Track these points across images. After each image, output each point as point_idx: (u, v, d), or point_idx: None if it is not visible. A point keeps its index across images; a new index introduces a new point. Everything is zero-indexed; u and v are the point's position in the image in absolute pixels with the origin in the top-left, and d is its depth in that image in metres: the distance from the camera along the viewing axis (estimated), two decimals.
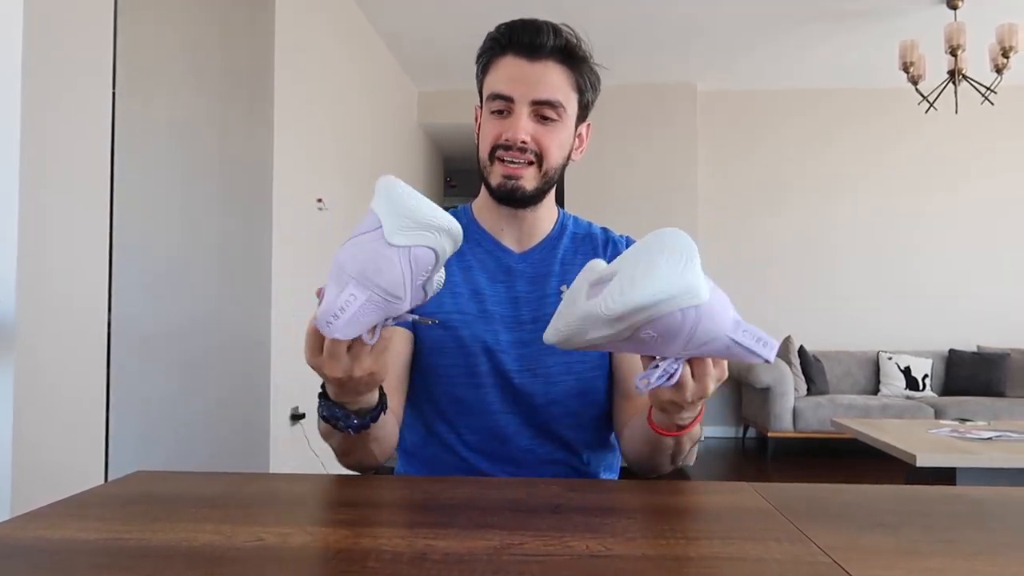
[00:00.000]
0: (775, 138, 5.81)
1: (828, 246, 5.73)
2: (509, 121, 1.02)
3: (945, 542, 0.64)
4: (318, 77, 3.56)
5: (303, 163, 3.34)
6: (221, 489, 0.82)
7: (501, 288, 1.09)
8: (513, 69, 1.02)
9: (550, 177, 1.06)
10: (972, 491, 0.83)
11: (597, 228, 1.18)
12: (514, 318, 1.07)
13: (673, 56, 5.13)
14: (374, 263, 0.67)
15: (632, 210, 5.53)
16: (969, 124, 5.48)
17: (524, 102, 1.01)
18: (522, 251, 1.12)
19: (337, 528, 0.66)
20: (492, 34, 1.06)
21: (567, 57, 1.04)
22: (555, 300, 1.08)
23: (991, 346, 5.41)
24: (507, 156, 1.02)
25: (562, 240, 1.14)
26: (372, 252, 0.67)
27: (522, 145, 1.01)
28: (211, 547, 0.60)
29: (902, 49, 4.14)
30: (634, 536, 0.64)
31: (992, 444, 2.95)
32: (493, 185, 1.05)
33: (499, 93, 1.02)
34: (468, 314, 1.06)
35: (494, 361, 1.05)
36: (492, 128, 1.03)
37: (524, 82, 1.01)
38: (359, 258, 0.67)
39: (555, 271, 1.10)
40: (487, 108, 1.05)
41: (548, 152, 1.03)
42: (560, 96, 1.02)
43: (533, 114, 1.02)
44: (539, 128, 1.02)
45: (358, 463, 0.94)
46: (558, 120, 1.03)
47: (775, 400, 4.89)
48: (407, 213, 0.68)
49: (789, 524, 0.68)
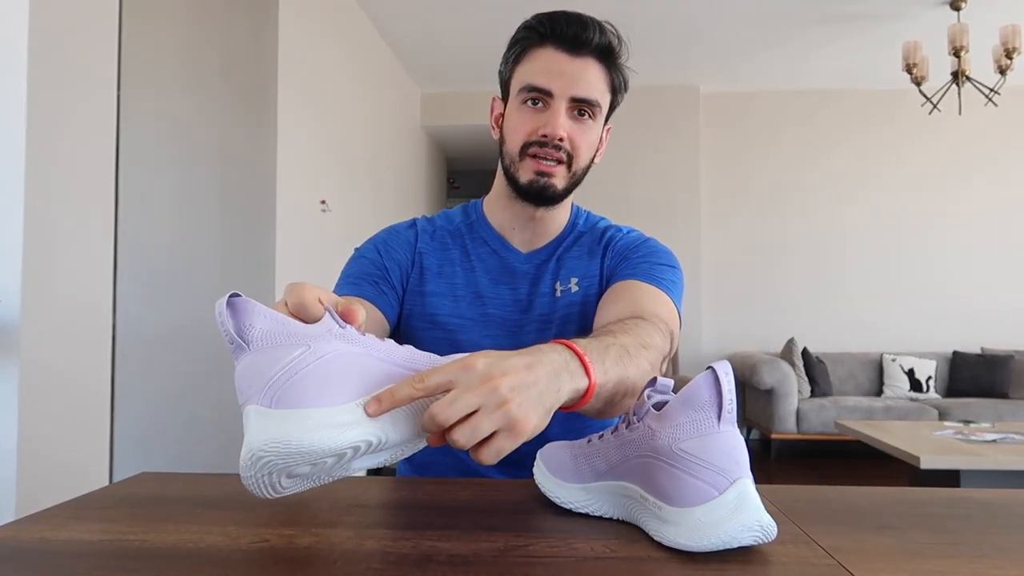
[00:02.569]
0: (778, 140, 5.81)
1: (831, 248, 5.73)
2: (546, 116, 0.98)
3: (949, 544, 0.64)
4: (321, 79, 3.56)
5: (306, 165, 3.35)
6: (226, 490, 0.82)
7: (504, 290, 1.06)
8: (553, 62, 0.98)
9: (577, 178, 1.03)
10: (976, 493, 0.83)
11: (602, 224, 1.15)
12: (516, 321, 1.05)
13: (676, 58, 5.13)
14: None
15: (635, 213, 5.53)
16: (973, 126, 5.47)
17: (563, 97, 0.97)
18: (528, 251, 1.09)
19: (342, 530, 0.66)
20: (530, 23, 1.01)
21: (607, 56, 1.00)
22: (547, 299, 1.06)
23: (995, 348, 5.39)
24: (541, 152, 0.98)
25: (567, 239, 1.12)
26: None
27: (558, 143, 0.97)
28: (216, 548, 0.61)
29: (905, 51, 4.14)
30: (639, 538, 0.64)
31: (996, 446, 2.94)
32: (524, 181, 1.00)
33: (537, 85, 0.98)
34: (467, 319, 1.04)
35: None
36: (526, 121, 0.99)
37: (564, 76, 0.97)
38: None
39: (551, 268, 1.08)
40: (518, 99, 1.00)
41: (579, 152, 1.00)
42: (597, 95, 1.00)
43: (569, 111, 0.98)
44: (574, 126, 0.99)
45: None
46: (592, 120, 1.01)
47: (778, 402, 4.88)
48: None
49: (793, 526, 0.68)
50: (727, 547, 0.58)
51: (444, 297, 1.06)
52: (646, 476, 0.64)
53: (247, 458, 0.54)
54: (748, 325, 5.72)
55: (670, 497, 0.61)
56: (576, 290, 1.06)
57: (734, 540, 0.57)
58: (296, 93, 3.21)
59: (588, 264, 1.09)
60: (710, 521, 0.58)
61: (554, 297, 1.06)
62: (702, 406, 0.61)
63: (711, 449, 0.59)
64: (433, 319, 1.05)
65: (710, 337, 5.65)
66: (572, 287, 1.07)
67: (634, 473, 0.65)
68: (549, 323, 1.05)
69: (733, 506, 0.58)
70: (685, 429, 0.60)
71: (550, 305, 1.06)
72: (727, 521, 0.58)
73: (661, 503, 0.62)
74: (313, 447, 0.53)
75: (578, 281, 1.07)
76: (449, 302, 1.05)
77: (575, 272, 1.07)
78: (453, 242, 1.10)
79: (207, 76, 3.02)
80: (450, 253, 1.09)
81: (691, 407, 0.61)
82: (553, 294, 1.07)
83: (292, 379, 0.55)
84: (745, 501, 0.58)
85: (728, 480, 0.58)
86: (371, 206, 4.32)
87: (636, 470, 0.65)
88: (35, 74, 1.64)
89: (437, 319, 1.05)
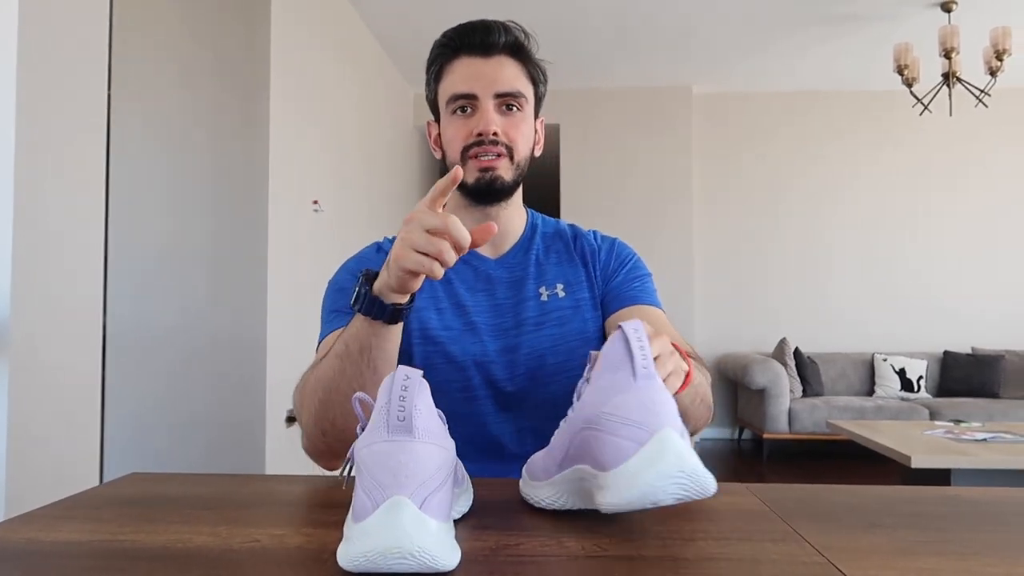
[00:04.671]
0: (770, 141, 5.83)
1: (823, 248, 5.75)
2: (476, 117, 1.02)
3: (939, 542, 0.64)
4: (313, 79, 3.56)
5: (298, 165, 3.34)
6: (216, 490, 0.82)
7: (482, 297, 1.09)
8: (469, 68, 1.03)
9: (521, 169, 1.06)
10: (966, 492, 0.83)
11: (564, 225, 1.19)
12: (498, 326, 1.07)
13: (668, 59, 5.14)
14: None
15: (628, 213, 5.54)
16: (963, 127, 5.50)
17: (487, 96, 1.02)
18: (498, 256, 1.12)
19: (333, 529, 0.66)
20: (440, 40, 1.07)
21: (518, 52, 1.05)
22: (534, 304, 1.08)
23: (986, 347, 5.42)
24: (480, 151, 1.02)
25: (534, 241, 1.14)
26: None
27: (494, 138, 1.01)
28: (206, 549, 0.60)
29: (896, 52, 4.16)
30: (630, 536, 0.64)
31: (987, 446, 2.96)
32: (471, 182, 1.04)
33: (461, 93, 1.03)
34: (454, 329, 1.06)
35: (485, 373, 1.05)
36: (459, 128, 1.03)
37: (483, 78, 1.02)
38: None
39: (531, 273, 1.10)
40: (448, 111, 1.05)
41: (516, 143, 1.04)
42: (520, 87, 1.04)
43: (497, 107, 1.03)
44: (505, 121, 1.03)
45: (344, 395, 0.85)
46: (521, 111, 1.05)
47: (770, 402, 4.90)
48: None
49: (784, 524, 0.68)
50: (652, 500, 0.56)
51: (429, 311, 1.06)
52: (585, 450, 0.63)
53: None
54: (740, 325, 5.74)
55: (602, 463, 0.60)
56: (563, 295, 1.09)
57: (656, 490, 0.56)
58: (288, 93, 3.20)
59: (570, 270, 1.12)
60: (631, 474, 0.57)
61: (540, 301, 1.09)
62: (617, 366, 0.60)
63: (628, 405, 0.58)
64: (423, 333, 1.06)
65: (702, 337, 5.67)
66: (559, 292, 1.10)
67: (579, 452, 0.65)
68: (539, 325, 1.07)
69: (652, 457, 0.56)
70: (606, 392, 0.60)
71: (538, 309, 1.08)
72: (646, 471, 0.56)
73: (597, 472, 0.61)
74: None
75: (564, 287, 1.10)
76: (435, 315, 1.06)
77: (559, 278, 1.11)
78: None
79: (199, 76, 3.00)
80: None
81: (608, 369, 0.61)
82: (539, 298, 1.09)
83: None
84: (665, 450, 0.56)
85: (648, 432, 0.57)
86: (363, 206, 4.31)
87: (580, 449, 0.64)
88: (25, 74, 1.63)
89: (427, 333, 1.05)
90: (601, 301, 1.12)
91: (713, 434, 5.73)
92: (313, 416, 0.90)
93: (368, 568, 0.51)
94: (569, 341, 1.06)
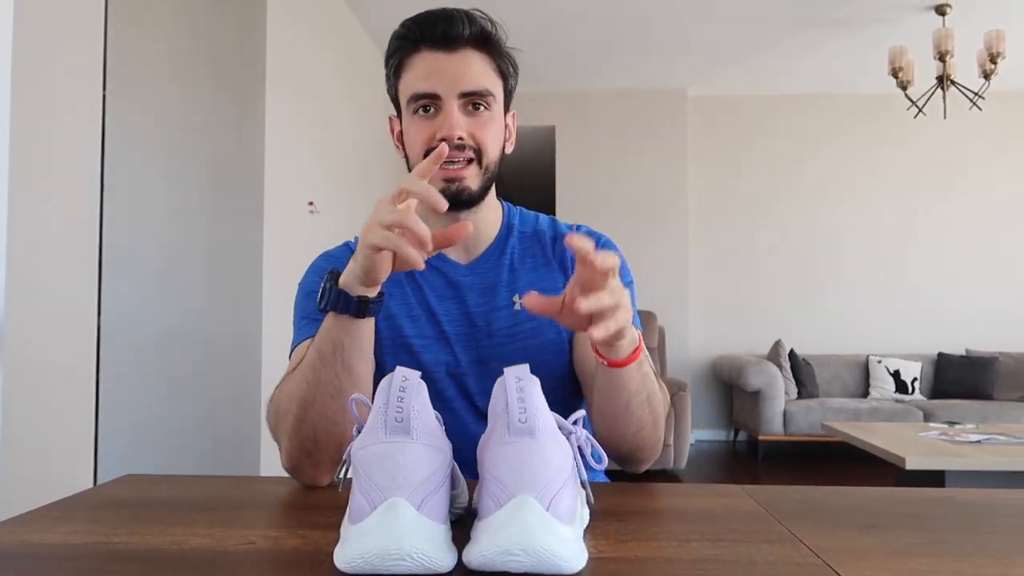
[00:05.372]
0: (766, 143, 5.84)
1: (818, 251, 5.76)
2: (439, 119, 0.94)
3: (933, 543, 0.64)
4: (309, 80, 3.55)
5: (294, 166, 3.34)
6: (211, 492, 0.82)
7: (452, 305, 1.02)
8: (431, 63, 0.94)
9: (491, 173, 0.98)
10: (960, 493, 0.83)
11: (544, 222, 1.10)
12: (470, 336, 1.01)
13: (664, 62, 5.15)
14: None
15: (624, 216, 5.55)
16: (958, 130, 5.52)
17: (451, 96, 0.93)
18: (469, 262, 1.04)
19: (329, 531, 0.65)
20: (398, 32, 0.98)
21: (485, 43, 0.97)
22: (506, 313, 1.02)
23: (980, 349, 5.44)
24: (446, 157, 0.94)
25: (509, 243, 1.06)
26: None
27: (459, 142, 0.93)
28: (201, 551, 0.60)
29: (891, 54, 4.17)
30: (626, 538, 0.64)
31: (981, 447, 2.97)
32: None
33: (422, 92, 0.94)
34: (428, 338, 1.01)
35: (459, 384, 1.00)
36: (421, 130, 0.95)
37: (446, 75, 0.93)
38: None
39: (503, 280, 1.03)
40: (409, 111, 0.97)
41: (485, 146, 0.95)
42: (488, 84, 0.96)
43: (462, 108, 0.94)
44: (472, 122, 0.95)
45: (323, 406, 0.81)
46: (489, 110, 0.96)
47: (765, 403, 4.91)
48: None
49: (779, 526, 0.68)
50: (484, 569, 0.51)
51: (402, 318, 1.01)
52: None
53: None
54: (735, 327, 5.75)
55: (478, 511, 0.56)
56: None
57: (489, 562, 0.50)
58: (284, 93, 3.20)
59: (546, 276, 1.05)
60: (477, 538, 0.53)
61: (513, 311, 1.02)
62: (499, 414, 0.57)
63: (497, 461, 0.54)
64: (396, 341, 1.00)
65: (697, 340, 5.68)
66: None
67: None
68: (512, 337, 1.01)
69: (500, 523, 0.51)
70: (489, 440, 0.57)
71: (510, 319, 1.02)
72: (485, 539, 0.51)
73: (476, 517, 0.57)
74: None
75: (539, 295, 1.04)
76: (408, 322, 1.01)
77: (533, 285, 1.03)
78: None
79: (194, 77, 3.00)
80: (395, 274, 1.06)
81: (494, 415, 0.58)
82: (511, 307, 1.02)
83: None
84: (512, 520, 0.51)
85: (508, 495, 0.52)
86: (359, 208, 4.31)
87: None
88: (19, 73, 1.63)
89: (401, 341, 1.00)
90: None
91: (708, 436, 5.73)
92: (292, 436, 0.84)
93: (365, 570, 0.50)
94: (543, 354, 1.00)
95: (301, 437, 0.83)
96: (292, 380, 0.85)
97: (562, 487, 0.54)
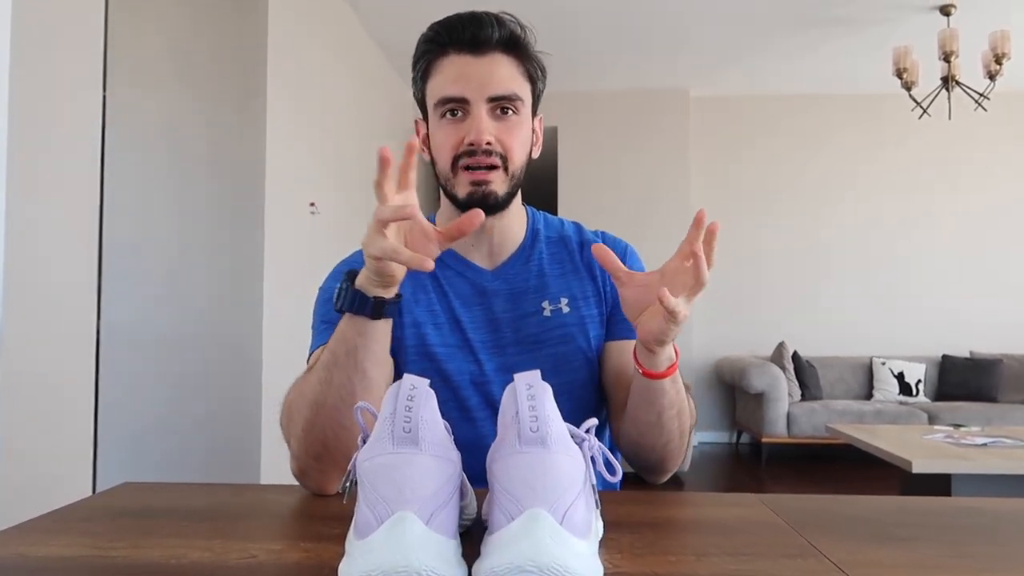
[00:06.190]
0: (769, 144, 5.82)
1: (821, 252, 5.74)
2: (467, 123, 0.93)
3: (956, 557, 0.62)
4: (311, 80, 3.53)
5: (295, 167, 3.32)
6: (211, 501, 0.80)
7: (478, 312, 1.01)
8: (460, 67, 0.94)
9: (517, 179, 0.97)
10: (983, 503, 0.81)
11: (570, 228, 1.09)
12: (495, 343, 1.00)
13: (665, 62, 5.13)
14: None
15: (625, 216, 5.52)
16: (962, 130, 5.50)
17: (480, 100, 0.92)
18: (494, 267, 1.03)
19: (333, 544, 0.63)
20: (426, 35, 0.97)
21: (514, 47, 0.96)
22: (537, 320, 1.01)
23: (984, 352, 5.42)
24: (472, 163, 0.93)
25: (536, 248, 1.05)
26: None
27: (487, 148, 0.92)
28: (201, 565, 0.58)
29: (896, 55, 4.15)
30: (641, 552, 0.62)
31: (987, 451, 2.94)
32: (462, 196, 0.95)
33: (450, 96, 0.93)
34: (451, 346, 0.99)
35: (483, 393, 0.98)
36: (449, 135, 0.94)
37: (475, 79, 0.93)
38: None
39: (532, 286, 1.02)
40: (436, 115, 0.96)
41: (512, 152, 0.95)
42: (516, 88, 0.95)
43: (490, 112, 0.93)
44: (500, 127, 0.94)
45: (334, 409, 0.80)
46: (517, 115, 0.95)
47: (769, 406, 4.88)
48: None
49: (798, 537, 0.66)
50: None
51: (427, 326, 1.00)
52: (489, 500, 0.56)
53: None
54: (738, 329, 5.72)
55: (489, 524, 0.53)
56: (567, 311, 1.01)
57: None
58: (286, 94, 3.18)
59: (575, 283, 1.04)
60: (487, 553, 0.50)
61: (543, 317, 1.01)
62: (509, 423, 0.54)
63: (508, 472, 0.51)
64: (420, 349, 0.99)
65: (700, 341, 5.65)
66: (563, 308, 1.01)
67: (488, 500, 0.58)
68: (540, 343, 1.00)
69: (510, 539, 0.48)
70: (499, 450, 0.54)
71: (539, 325, 1.00)
72: (496, 554, 0.48)
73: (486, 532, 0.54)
74: None
75: (568, 301, 1.02)
76: (432, 330, 1.00)
77: (564, 292, 1.02)
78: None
79: (196, 77, 2.98)
80: (421, 279, 1.03)
81: (504, 425, 0.55)
82: (541, 313, 1.01)
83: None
84: (524, 534, 0.48)
85: (519, 509, 0.49)
86: (361, 209, 4.29)
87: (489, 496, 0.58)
88: (18, 70, 1.61)
89: (425, 349, 0.99)
90: (608, 319, 1.04)
91: (711, 438, 5.71)
92: (301, 440, 0.83)
93: None
94: (572, 361, 0.99)
95: (310, 441, 0.82)
96: (306, 382, 0.84)
97: (576, 499, 0.52)
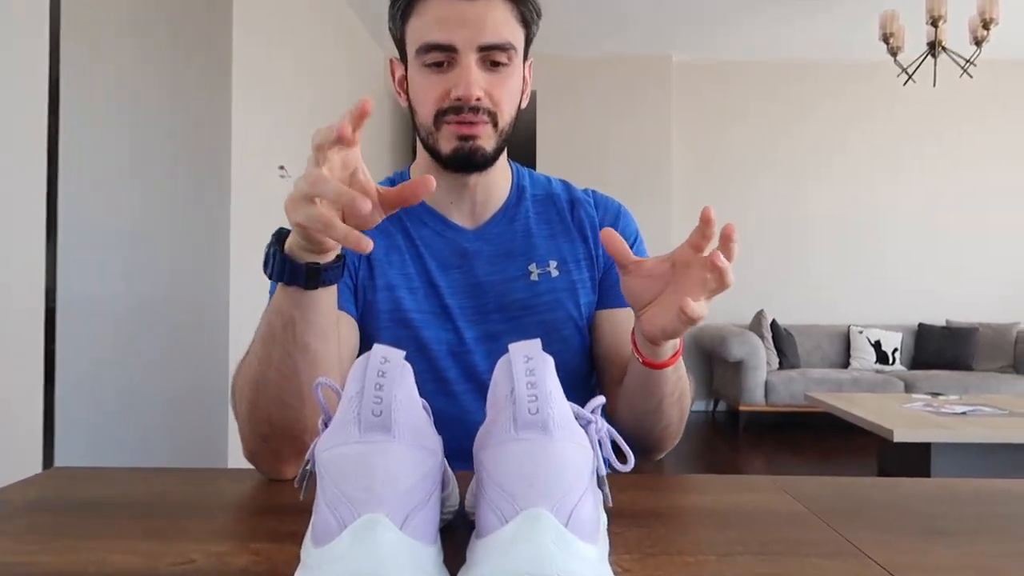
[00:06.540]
0: (751, 111, 5.73)
1: (801, 220, 5.70)
2: (454, 75, 0.83)
3: (1019, 555, 0.54)
4: (280, 37, 3.35)
5: (264, 127, 3.15)
6: (150, 490, 0.69)
7: (456, 275, 0.92)
8: (448, 9, 0.83)
9: (506, 135, 0.88)
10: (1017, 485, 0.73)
11: (558, 186, 1.01)
12: (476, 308, 0.91)
13: (648, 26, 4.98)
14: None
15: (606, 183, 5.38)
16: (945, 100, 5.45)
17: (470, 50, 0.82)
18: (476, 227, 0.94)
19: (289, 544, 0.53)
20: None
21: None
22: (523, 285, 0.92)
23: (960, 320, 5.44)
24: (459, 118, 0.84)
25: (521, 207, 0.97)
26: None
27: (476, 104, 0.83)
28: (126, 574, 0.48)
29: (883, 19, 4.06)
30: (654, 551, 0.53)
31: (967, 419, 2.93)
32: (447, 152, 0.85)
33: (436, 43, 0.83)
34: (427, 312, 0.90)
35: (464, 364, 0.90)
36: (433, 85, 0.84)
37: (466, 24, 0.82)
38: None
39: (518, 248, 0.94)
40: (418, 62, 0.85)
41: (502, 106, 0.86)
42: (509, 35, 0.85)
43: (480, 63, 0.83)
44: (490, 79, 0.84)
45: (276, 387, 0.70)
46: (508, 65, 0.85)
47: (747, 374, 4.86)
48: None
49: (831, 531, 0.57)
50: None
51: (401, 289, 0.91)
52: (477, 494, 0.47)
53: None
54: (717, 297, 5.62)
55: (477, 527, 0.44)
56: (557, 274, 0.93)
57: None
58: (252, 51, 3.00)
59: (565, 245, 0.96)
60: (476, 560, 0.41)
61: (530, 281, 0.93)
62: (500, 404, 0.45)
63: (501, 463, 0.42)
64: (395, 315, 0.90)
65: None
66: (552, 271, 0.93)
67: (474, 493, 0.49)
68: (526, 310, 0.91)
69: (507, 542, 0.40)
70: (489, 436, 0.44)
71: (526, 290, 0.92)
72: (487, 562, 0.40)
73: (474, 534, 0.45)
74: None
75: (558, 265, 0.94)
76: (407, 294, 0.91)
77: (552, 254, 0.94)
78: (393, 226, 0.94)
79: (155, 32, 2.78)
80: (394, 239, 0.93)
81: (492, 405, 0.46)
82: (527, 277, 0.93)
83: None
84: (522, 539, 0.39)
85: (515, 508, 0.41)
86: None
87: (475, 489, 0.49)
88: None
89: (400, 315, 0.90)
90: (600, 284, 0.95)
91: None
92: (247, 422, 0.74)
93: None
94: (561, 330, 0.91)
95: (256, 421, 0.73)
96: (246, 359, 0.74)
97: (583, 495, 0.42)
